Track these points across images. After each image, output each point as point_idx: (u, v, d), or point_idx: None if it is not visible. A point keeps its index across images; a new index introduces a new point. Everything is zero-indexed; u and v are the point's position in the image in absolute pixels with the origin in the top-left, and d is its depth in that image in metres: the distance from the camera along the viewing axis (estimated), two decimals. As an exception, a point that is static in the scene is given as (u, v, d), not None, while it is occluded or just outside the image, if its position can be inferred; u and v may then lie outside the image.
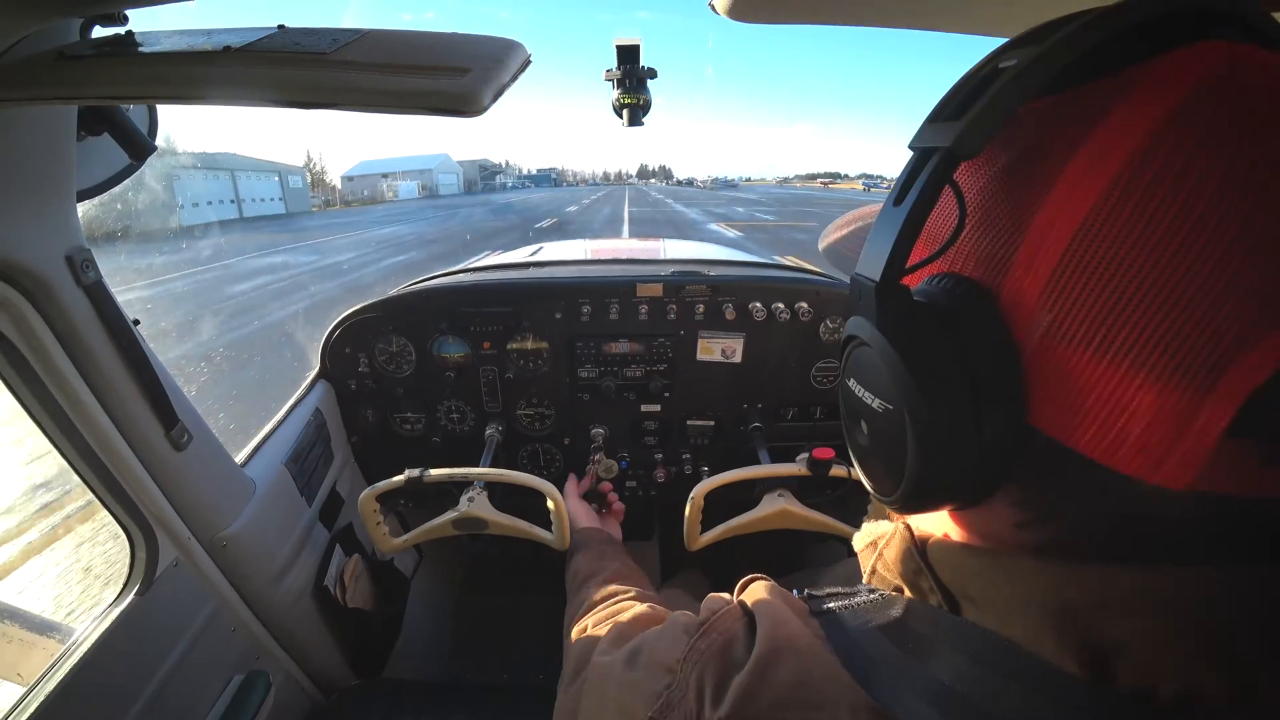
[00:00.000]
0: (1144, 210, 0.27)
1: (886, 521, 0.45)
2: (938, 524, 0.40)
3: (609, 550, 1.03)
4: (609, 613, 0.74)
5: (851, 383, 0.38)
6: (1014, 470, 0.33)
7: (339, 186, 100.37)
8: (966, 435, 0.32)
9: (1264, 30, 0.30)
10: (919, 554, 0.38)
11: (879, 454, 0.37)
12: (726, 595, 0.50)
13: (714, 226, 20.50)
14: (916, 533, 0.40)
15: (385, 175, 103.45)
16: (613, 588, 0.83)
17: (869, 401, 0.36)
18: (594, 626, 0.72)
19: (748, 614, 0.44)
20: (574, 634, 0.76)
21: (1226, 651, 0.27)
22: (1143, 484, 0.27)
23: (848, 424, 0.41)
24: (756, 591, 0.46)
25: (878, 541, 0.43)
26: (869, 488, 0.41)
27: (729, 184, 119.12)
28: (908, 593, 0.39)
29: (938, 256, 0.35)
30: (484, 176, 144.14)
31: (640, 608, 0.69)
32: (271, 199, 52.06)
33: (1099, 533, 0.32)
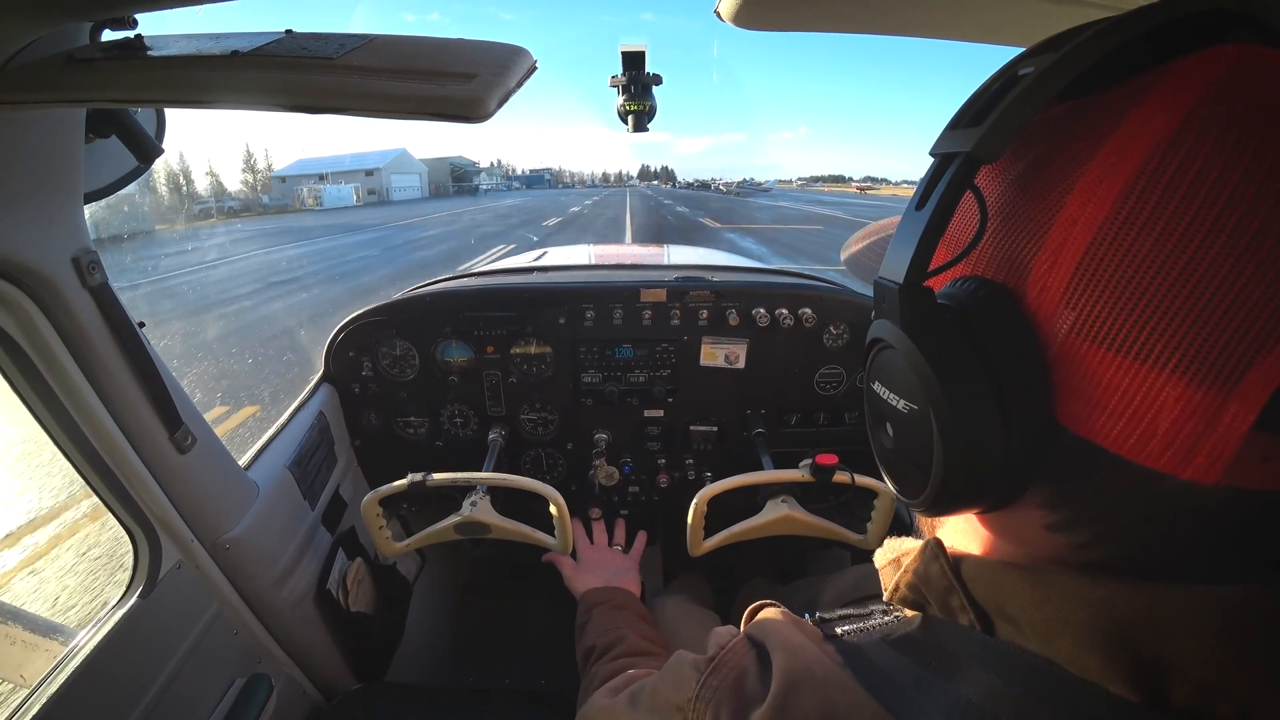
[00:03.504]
0: (1164, 208, 0.27)
1: (910, 538, 0.44)
2: (970, 540, 0.40)
3: (621, 619, 0.96)
4: (621, 682, 0.69)
5: (876, 386, 0.38)
6: (1042, 469, 0.32)
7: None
8: (993, 433, 0.31)
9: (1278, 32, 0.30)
10: (951, 570, 0.37)
11: (905, 456, 0.37)
12: (733, 627, 0.49)
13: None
14: (949, 549, 0.39)
15: (323, 176, 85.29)
16: (625, 663, 0.79)
17: (894, 403, 0.36)
18: (601, 699, 0.66)
19: (757, 645, 0.43)
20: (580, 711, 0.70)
21: None
22: (1173, 479, 0.27)
23: (872, 427, 0.41)
24: (766, 620, 0.45)
25: (902, 559, 0.42)
26: (894, 491, 0.41)
27: (758, 188, 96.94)
28: (934, 611, 0.38)
29: (961, 259, 0.35)
30: (456, 178, 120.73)
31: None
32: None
33: (1142, 542, 0.31)
